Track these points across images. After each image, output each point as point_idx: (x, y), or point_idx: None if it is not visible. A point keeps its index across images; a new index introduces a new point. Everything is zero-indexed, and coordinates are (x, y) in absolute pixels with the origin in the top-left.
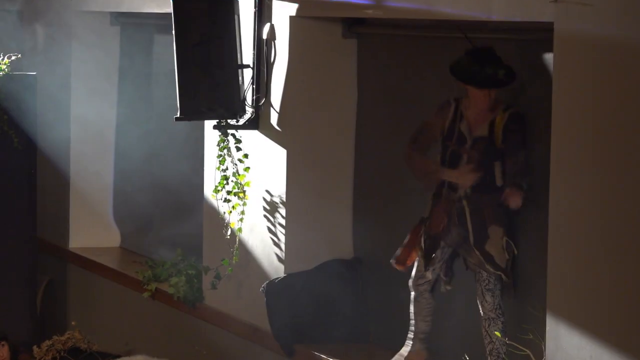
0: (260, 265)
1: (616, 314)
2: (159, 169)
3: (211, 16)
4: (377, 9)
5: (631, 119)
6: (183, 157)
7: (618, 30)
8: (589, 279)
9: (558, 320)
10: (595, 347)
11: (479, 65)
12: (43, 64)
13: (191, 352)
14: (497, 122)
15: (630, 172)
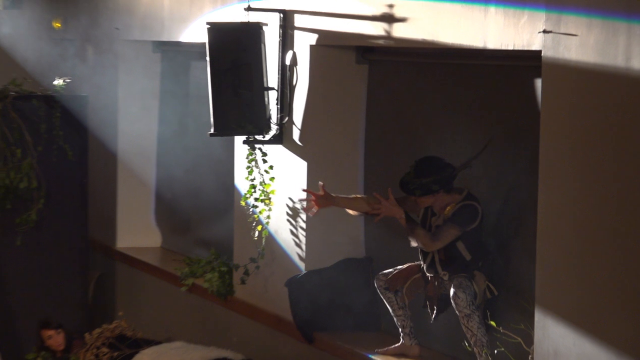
0: (283, 263)
1: (596, 306)
2: (195, 178)
3: (241, 44)
4: (386, 38)
5: (609, 136)
6: (216, 168)
7: (599, 59)
8: (572, 275)
9: (545, 311)
10: (578, 335)
11: (416, 177)
12: (93, 86)
13: (223, 340)
14: (446, 212)
15: (608, 179)
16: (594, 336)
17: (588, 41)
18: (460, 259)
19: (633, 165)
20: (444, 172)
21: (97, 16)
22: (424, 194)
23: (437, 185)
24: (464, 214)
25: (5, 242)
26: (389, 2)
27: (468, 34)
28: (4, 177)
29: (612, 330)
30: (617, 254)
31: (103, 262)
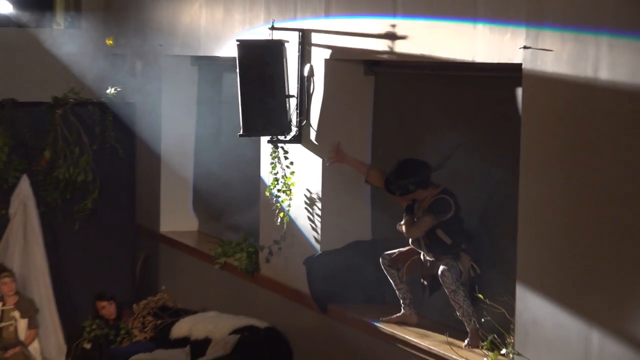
0: (302, 244)
1: (569, 281)
2: (227, 173)
3: (266, 59)
4: (390, 53)
5: (580, 135)
6: (245, 164)
7: (571, 70)
8: (548, 255)
9: (525, 286)
10: (553, 306)
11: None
12: (140, 94)
13: (250, 310)
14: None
15: (579, 173)
16: (567, 307)
17: (562, 55)
18: (441, 243)
19: (600, 161)
20: (421, 174)
21: (144, 34)
22: (403, 194)
23: (414, 185)
24: (438, 206)
25: (65, 227)
26: (392, 22)
27: (459, 49)
28: (64, 171)
29: (583, 302)
30: (587, 237)
31: (148, 244)
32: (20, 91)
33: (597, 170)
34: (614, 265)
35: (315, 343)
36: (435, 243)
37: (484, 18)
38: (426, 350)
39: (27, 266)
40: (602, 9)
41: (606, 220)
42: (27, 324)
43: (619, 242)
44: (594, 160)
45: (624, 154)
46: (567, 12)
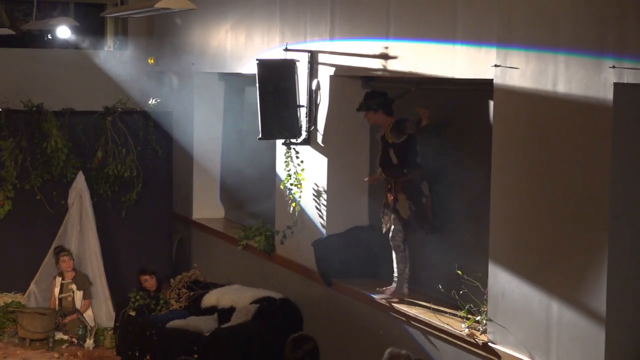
0: (310, 229)
1: (533, 259)
2: (248, 169)
3: (280, 75)
4: (383, 70)
5: (542, 140)
6: (263, 162)
7: (534, 85)
8: (514, 238)
9: (496, 262)
10: (519, 280)
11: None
12: (176, 105)
13: (267, 284)
14: (386, 129)
15: (541, 169)
16: (530, 281)
17: (526, 72)
18: (390, 162)
19: (556, 159)
20: (382, 98)
21: (179, 55)
22: (367, 110)
23: (377, 105)
24: (399, 124)
25: (114, 214)
26: (385, 44)
27: (441, 66)
28: (113, 168)
29: (544, 277)
30: (546, 223)
31: (183, 228)
32: (77, 102)
33: (555, 167)
34: (569, 246)
35: (322, 311)
36: (386, 161)
37: (461, 40)
38: (414, 317)
39: (83, 247)
40: (560, 31)
41: (562, 209)
42: (82, 295)
43: (572, 227)
44: (552, 159)
45: (576, 154)
46: (531, 34)
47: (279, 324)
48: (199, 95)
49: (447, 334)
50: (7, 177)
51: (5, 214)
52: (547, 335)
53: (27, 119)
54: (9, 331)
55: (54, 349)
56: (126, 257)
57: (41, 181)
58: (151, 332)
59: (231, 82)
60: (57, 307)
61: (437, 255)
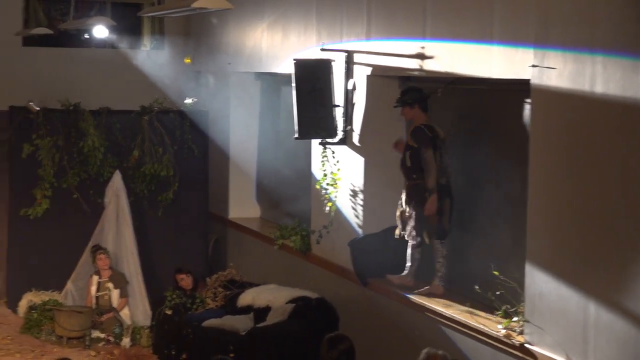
0: (346, 229)
1: (571, 259)
2: (284, 169)
3: (316, 74)
4: (419, 70)
5: (579, 140)
6: (299, 162)
7: (572, 85)
8: (552, 239)
9: (533, 263)
10: (557, 281)
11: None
12: (212, 104)
13: (303, 283)
14: (409, 130)
15: (579, 170)
16: (568, 282)
17: (564, 72)
18: (404, 163)
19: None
20: (418, 93)
21: (215, 54)
22: (403, 105)
23: (412, 100)
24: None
25: (150, 213)
26: (422, 45)
27: (478, 66)
28: (150, 167)
29: (581, 278)
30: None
31: (219, 227)
32: (113, 101)
33: (594, 167)
34: (608, 247)
35: (357, 311)
36: (402, 161)
37: (498, 41)
38: (450, 318)
39: (119, 246)
40: (598, 33)
41: (601, 209)
42: (119, 293)
43: (612, 228)
44: (590, 160)
45: (615, 154)
46: (568, 35)
47: (315, 323)
48: (235, 95)
49: (483, 334)
50: (45, 176)
51: (43, 212)
52: (584, 336)
53: (65, 118)
54: (47, 329)
55: (91, 347)
56: (162, 256)
57: (78, 180)
58: (187, 331)
59: (267, 82)
60: (94, 306)
61: (473, 255)
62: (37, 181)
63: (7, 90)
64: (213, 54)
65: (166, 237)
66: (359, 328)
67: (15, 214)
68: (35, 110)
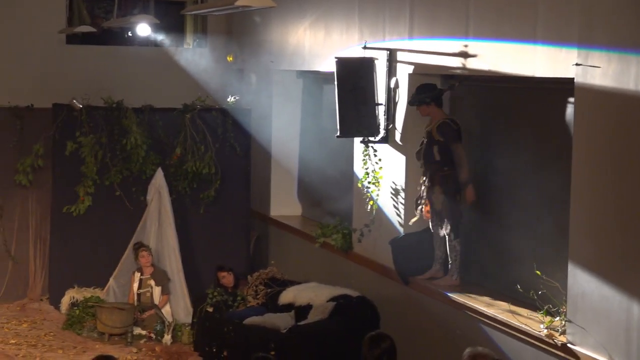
0: (388, 227)
1: (612, 259)
2: (326, 167)
3: (359, 73)
4: (462, 69)
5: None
6: (341, 160)
7: (616, 84)
8: (595, 239)
9: (576, 263)
10: (599, 281)
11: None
12: (255, 102)
13: (344, 282)
14: (433, 125)
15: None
16: (611, 282)
17: (608, 71)
18: (432, 157)
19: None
20: (433, 90)
21: (258, 52)
22: (420, 104)
23: (429, 98)
24: (445, 129)
25: (192, 210)
26: (465, 43)
27: (521, 65)
28: (192, 165)
29: (625, 278)
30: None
31: (260, 225)
32: (156, 99)
33: (638, 166)
34: None
35: (399, 310)
36: (429, 155)
37: (542, 40)
38: (492, 317)
39: (161, 243)
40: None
41: None
42: (160, 290)
43: None
44: (635, 158)
45: None
46: (613, 35)
47: (356, 322)
48: (277, 93)
49: (525, 334)
50: (88, 173)
51: (85, 209)
52: (627, 337)
53: (108, 116)
54: (88, 326)
55: (132, 344)
56: (204, 254)
57: (121, 177)
58: (229, 328)
59: (309, 80)
60: (135, 303)
61: (515, 255)
62: (80, 178)
63: (51, 88)
64: (255, 52)
65: (208, 235)
66: (399, 327)
67: (58, 211)
68: (78, 107)
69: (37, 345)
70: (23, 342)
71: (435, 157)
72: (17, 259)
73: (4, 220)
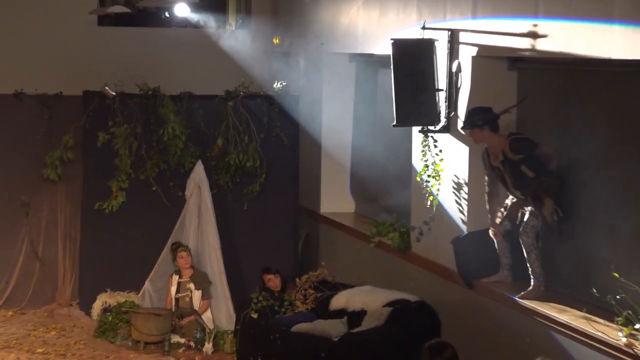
0: (449, 225)
1: None
2: (381, 159)
3: (417, 56)
4: (531, 51)
5: None
6: (397, 152)
7: None
8: None
9: None
10: None
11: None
12: (303, 88)
13: (402, 285)
14: (502, 148)
15: None
16: None
17: None
18: (526, 178)
19: None
20: (487, 114)
21: (306, 34)
22: (472, 127)
23: (481, 121)
24: (519, 144)
25: (235, 207)
26: (534, 23)
27: (597, 47)
28: (234, 157)
29: None
30: None
31: (310, 223)
32: (196, 85)
33: None
34: None
35: (461, 316)
36: (520, 178)
37: (619, 19)
38: (565, 324)
39: (201, 243)
40: None
41: None
42: (201, 295)
43: None
44: None
45: None
46: None
47: (415, 329)
48: (328, 78)
49: (602, 343)
50: (121, 167)
51: (119, 206)
52: None
53: (143, 104)
54: (122, 333)
55: (170, 353)
56: (248, 254)
57: (157, 171)
58: (275, 336)
59: (363, 64)
60: (173, 308)
61: (590, 255)
62: (113, 172)
63: (82, 73)
64: (304, 34)
65: (252, 234)
66: (462, 334)
67: (89, 207)
68: (111, 95)
69: (67, 354)
70: (51, 351)
71: (528, 175)
72: (44, 261)
73: (30, 218)
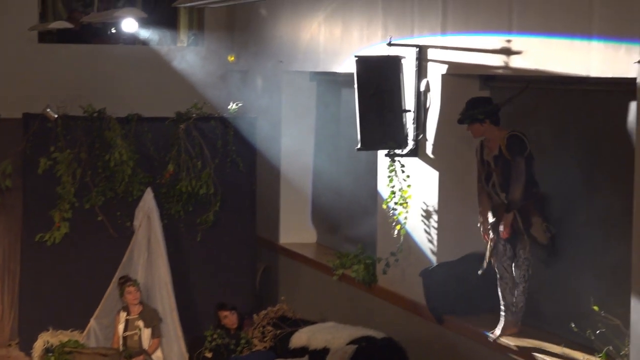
0: (418, 256)
1: None
2: (344, 186)
3: (383, 74)
4: (505, 68)
5: None
6: (362, 177)
7: None
8: None
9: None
10: None
11: (467, 111)
12: (261, 109)
13: (367, 321)
14: (499, 143)
15: None
16: None
17: None
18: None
19: None
20: (488, 106)
21: (264, 51)
22: (472, 122)
23: (483, 114)
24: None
25: (188, 238)
26: (507, 38)
27: (574, 64)
28: (187, 184)
29: None
30: None
31: (268, 255)
32: (145, 107)
33: None
34: None
35: (431, 353)
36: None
37: (598, 35)
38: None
39: (151, 277)
40: None
41: None
42: (150, 333)
43: None
44: None
45: None
46: None
47: None
48: (288, 99)
49: None
50: (64, 195)
51: (62, 238)
52: None
53: (87, 127)
54: None
55: None
56: (202, 289)
57: (103, 199)
58: None
59: (325, 83)
60: (121, 347)
61: (567, 288)
62: (55, 201)
63: (21, 94)
64: (261, 51)
65: (206, 267)
66: None
67: (30, 239)
68: (53, 117)
69: None
70: None
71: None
72: None
73: None
